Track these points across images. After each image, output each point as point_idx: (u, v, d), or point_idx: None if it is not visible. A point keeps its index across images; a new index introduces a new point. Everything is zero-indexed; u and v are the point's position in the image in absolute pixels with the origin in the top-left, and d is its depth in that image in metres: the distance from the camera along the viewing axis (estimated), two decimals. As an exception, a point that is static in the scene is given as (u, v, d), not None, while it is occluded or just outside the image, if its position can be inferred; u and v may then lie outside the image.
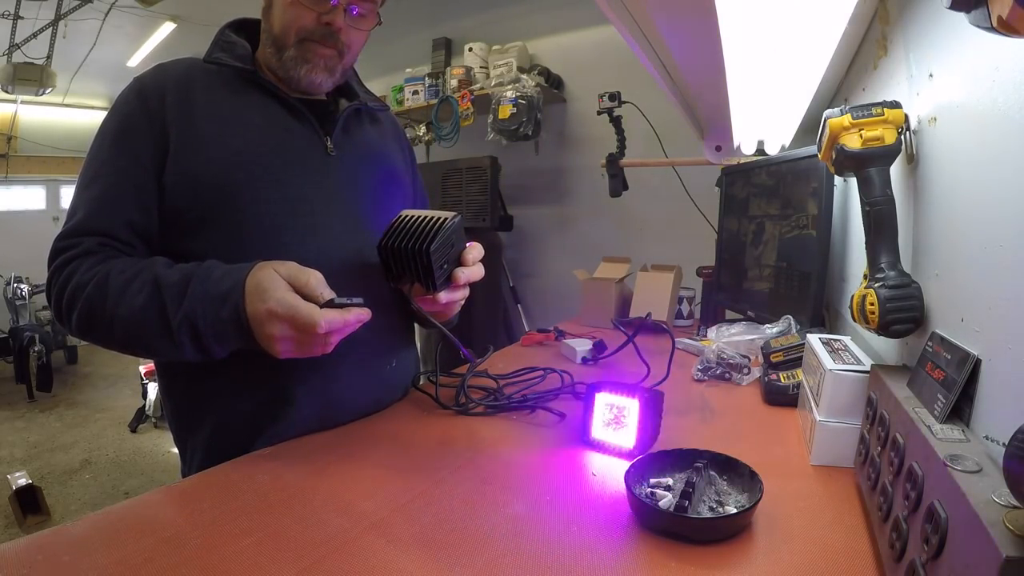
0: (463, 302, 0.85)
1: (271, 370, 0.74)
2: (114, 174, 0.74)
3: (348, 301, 0.67)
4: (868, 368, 0.65)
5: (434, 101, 2.70)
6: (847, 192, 1.12)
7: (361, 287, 0.77)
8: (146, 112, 0.75)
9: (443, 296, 0.77)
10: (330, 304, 0.65)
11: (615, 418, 0.71)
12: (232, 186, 0.75)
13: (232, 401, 0.76)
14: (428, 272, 0.72)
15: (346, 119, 0.87)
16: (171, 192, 0.74)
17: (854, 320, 0.65)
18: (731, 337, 1.14)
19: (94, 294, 0.68)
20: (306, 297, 0.64)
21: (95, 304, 0.68)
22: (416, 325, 0.97)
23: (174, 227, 0.75)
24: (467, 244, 0.79)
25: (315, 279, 0.66)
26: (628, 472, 0.58)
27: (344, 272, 0.79)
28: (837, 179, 1.12)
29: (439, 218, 0.73)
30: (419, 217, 0.74)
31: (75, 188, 0.76)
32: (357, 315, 0.67)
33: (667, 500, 0.55)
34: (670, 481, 0.60)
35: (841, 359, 0.69)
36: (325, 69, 0.82)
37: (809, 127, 1.00)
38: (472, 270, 0.79)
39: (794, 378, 0.89)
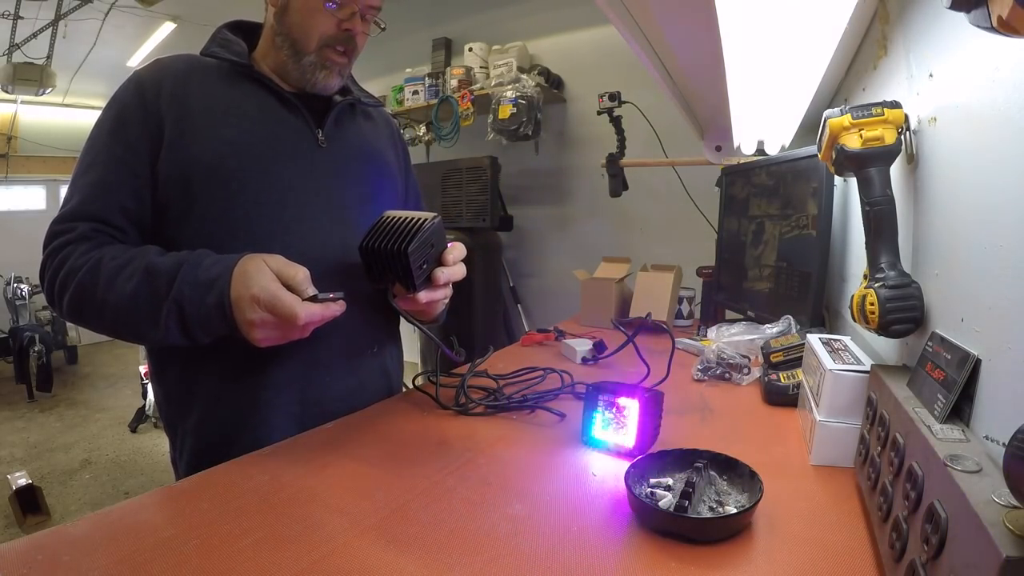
0: (446, 301, 0.87)
1: (256, 356, 0.75)
2: (110, 162, 0.76)
3: (329, 296, 0.71)
4: (868, 368, 0.65)
5: (434, 101, 2.70)
6: (847, 192, 1.12)
7: (344, 278, 0.80)
8: (142, 103, 0.77)
9: (423, 296, 0.78)
10: (312, 299, 0.69)
11: (615, 418, 0.71)
12: (223, 174, 0.77)
13: (220, 386, 0.79)
14: (407, 272, 0.74)
15: (339, 113, 0.90)
16: (165, 180, 0.76)
17: (854, 320, 0.65)
18: (731, 337, 1.14)
19: (86, 279, 0.70)
20: (291, 289, 0.67)
21: (87, 289, 0.70)
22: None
23: (166, 214, 0.77)
24: (449, 244, 0.80)
25: (302, 275, 0.69)
26: (628, 472, 0.58)
27: (329, 262, 0.81)
28: (837, 179, 1.12)
29: (418, 219, 0.75)
30: (399, 218, 0.75)
31: (72, 176, 0.78)
32: (335, 310, 0.72)
33: (667, 500, 0.55)
34: (670, 481, 0.60)
35: (841, 359, 0.69)
36: (339, 73, 0.87)
37: (809, 127, 1.00)
38: (452, 270, 0.80)
39: (794, 378, 0.89)
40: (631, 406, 0.70)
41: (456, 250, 0.81)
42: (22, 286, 4.43)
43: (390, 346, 0.97)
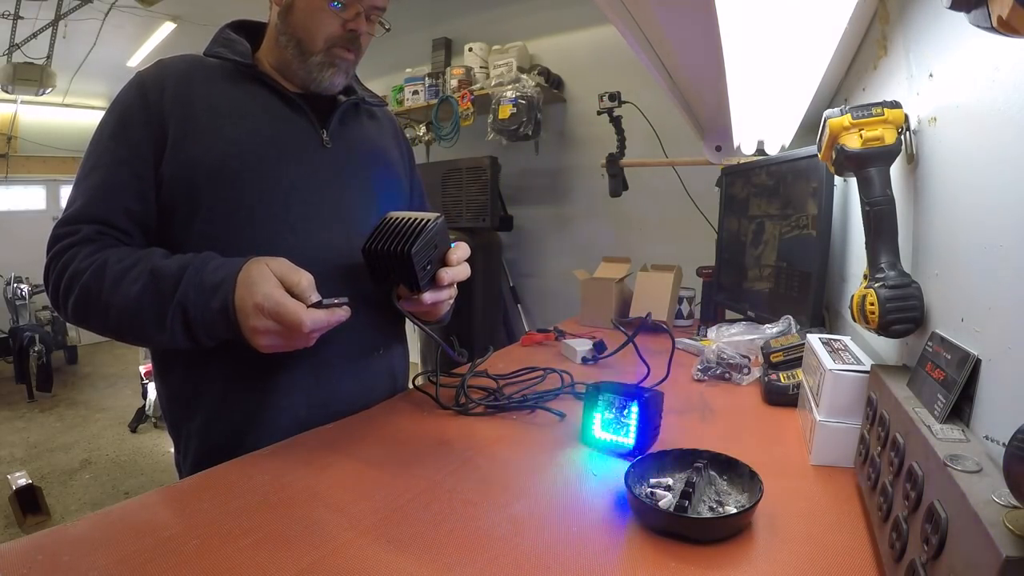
0: (451, 302, 0.87)
1: (262, 359, 0.75)
2: (113, 164, 0.75)
3: (334, 302, 0.70)
4: (868, 368, 0.65)
5: (434, 101, 2.70)
6: (847, 192, 1.12)
7: (350, 279, 0.80)
8: (145, 105, 0.77)
9: (427, 296, 0.78)
10: (317, 305, 0.68)
11: (615, 418, 0.71)
12: (228, 174, 0.76)
13: (225, 386, 0.78)
14: (411, 273, 0.74)
15: (343, 113, 0.90)
16: (169, 182, 0.76)
17: (854, 320, 0.65)
18: (731, 337, 1.14)
19: (91, 282, 0.69)
20: (295, 296, 0.67)
21: (92, 291, 0.69)
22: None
23: (171, 216, 0.77)
24: (452, 244, 0.80)
25: (306, 281, 0.68)
26: (628, 472, 0.58)
27: (334, 263, 0.81)
28: (837, 179, 1.12)
29: (421, 220, 0.74)
30: (402, 219, 0.75)
31: (75, 178, 0.78)
32: (340, 316, 0.71)
33: (667, 500, 0.55)
34: (670, 481, 0.60)
35: (841, 359, 0.69)
36: (345, 72, 0.87)
37: (809, 127, 1.00)
38: (456, 270, 0.80)
39: (794, 378, 0.89)
40: (631, 406, 0.70)
41: (460, 250, 0.80)
42: (22, 286, 4.43)
43: (396, 348, 0.96)
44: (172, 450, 0.86)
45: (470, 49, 2.71)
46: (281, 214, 0.79)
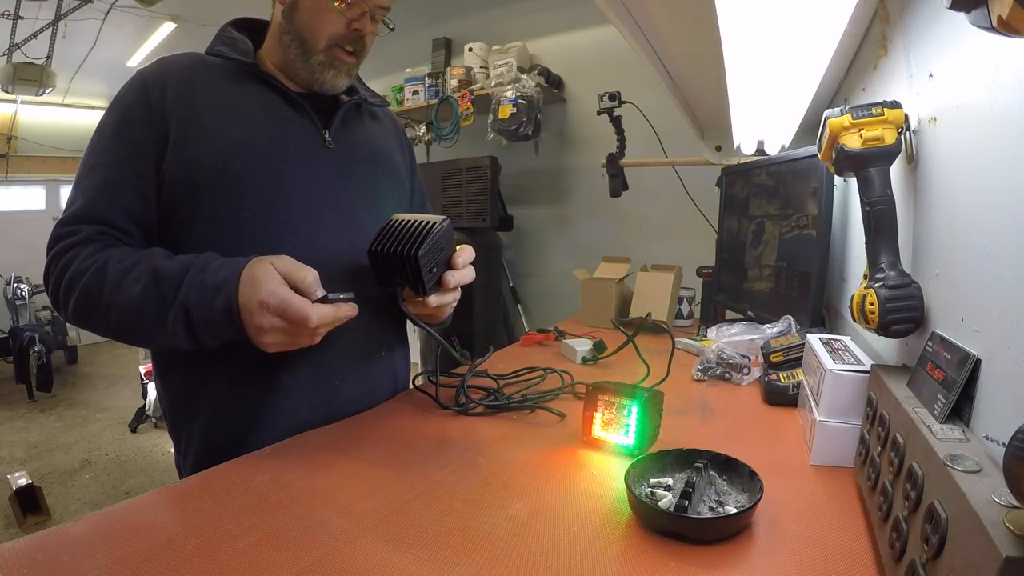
0: (455, 304, 0.87)
1: (264, 359, 0.74)
2: (114, 163, 0.75)
3: (340, 296, 0.70)
4: (868, 368, 0.65)
5: (434, 101, 2.71)
6: (847, 192, 1.12)
7: (353, 280, 0.79)
8: (147, 103, 0.76)
9: (433, 299, 0.78)
10: (323, 300, 0.67)
11: (615, 418, 0.71)
12: (230, 175, 0.76)
13: (227, 388, 0.78)
14: (417, 276, 0.73)
15: (345, 113, 0.89)
16: (170, 181, 0.75)
17: (854, 320, 0.65)
18: (731, 337, 1.14)
19: (91, 282, 0.69)
20: (300, 293, 0.66)
21: (92, 292, 0.69)
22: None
23: (172, 216, 0.76)
24: (458, 247, 0.79)
25: (312, 277, 0.67)
26: (628, 472, 0.58)
27: (337, 265, 0.80)
28: (837, 179, 1.12)
29: (427, 222, 0.74)
30: (408, 221, 0.75)
31: (75, 177, 0.77)
32: (347, 312, 0.70)
33: (667, 500, 0.55)
34: (670, 481, 0.60)
35: (841, 359, 0.69)
36: (347, 74, 0.86)
37: (809, 127, 1.00)
38: (462, 273, 0.79)
39: (794, 378, 0.89)
40: (631, 406, 0.70)
41: (465, 253, 0.80)
42: (22, 286, 4.43)
43: (399, 350, 0.96)
44: (172, 450, 0.86)
45: (470, 49, 2.71)
46: (283, 215, 0.78)
